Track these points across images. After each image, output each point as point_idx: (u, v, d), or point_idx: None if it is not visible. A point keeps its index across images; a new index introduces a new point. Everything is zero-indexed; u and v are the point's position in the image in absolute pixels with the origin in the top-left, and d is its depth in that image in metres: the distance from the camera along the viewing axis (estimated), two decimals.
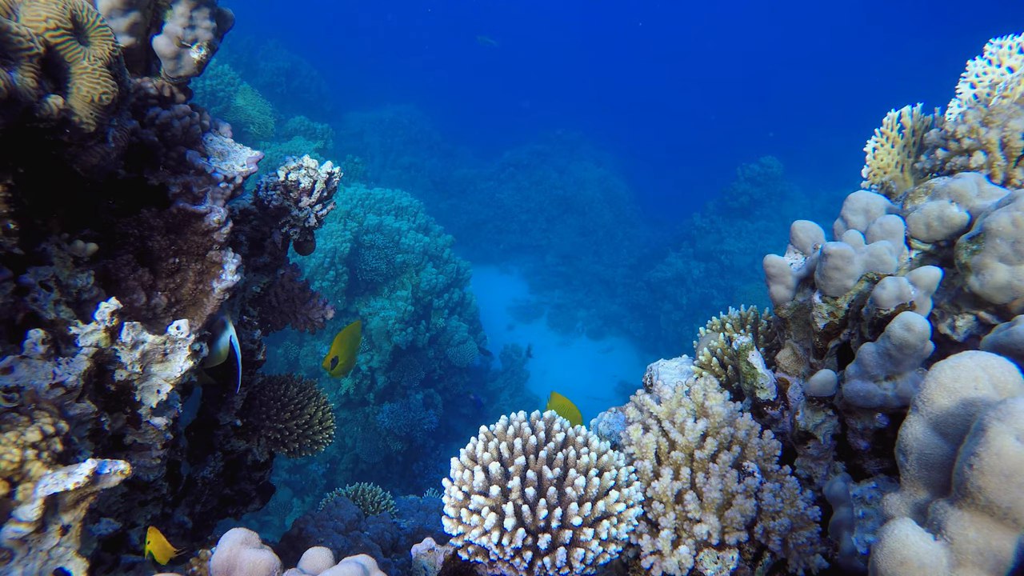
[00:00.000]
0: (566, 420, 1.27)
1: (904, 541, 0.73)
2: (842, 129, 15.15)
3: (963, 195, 1.26)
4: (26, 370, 1.07)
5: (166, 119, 1.44)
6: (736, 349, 1.48)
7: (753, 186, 10.73)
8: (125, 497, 1.42)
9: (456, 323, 6.66)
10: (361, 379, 5.93)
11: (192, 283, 1.48)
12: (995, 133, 1.44)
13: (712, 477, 1.17)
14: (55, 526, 0.96)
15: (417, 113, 13.17)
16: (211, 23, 1.46)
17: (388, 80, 17.38)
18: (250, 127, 7.09)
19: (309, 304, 2.06)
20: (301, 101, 9.90)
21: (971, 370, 0.80)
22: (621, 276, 10.67)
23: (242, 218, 1.80)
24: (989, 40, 1.77)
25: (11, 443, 0.93)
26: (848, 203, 1.34)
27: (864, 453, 1.23)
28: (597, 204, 11.53)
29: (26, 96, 0.97)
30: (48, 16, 1.01)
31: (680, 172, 16.90)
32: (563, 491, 1.12)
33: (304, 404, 2.02)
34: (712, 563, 1.16)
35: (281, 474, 5.65)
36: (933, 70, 10.05)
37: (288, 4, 17.71)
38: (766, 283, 1.42)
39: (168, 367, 1.37)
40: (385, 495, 2.97)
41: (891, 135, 1.83)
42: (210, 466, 1.82)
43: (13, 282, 1.12)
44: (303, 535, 2.01)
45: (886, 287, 1.13)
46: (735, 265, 9.84)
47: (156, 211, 1.44)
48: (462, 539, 1.16)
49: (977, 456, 0.69)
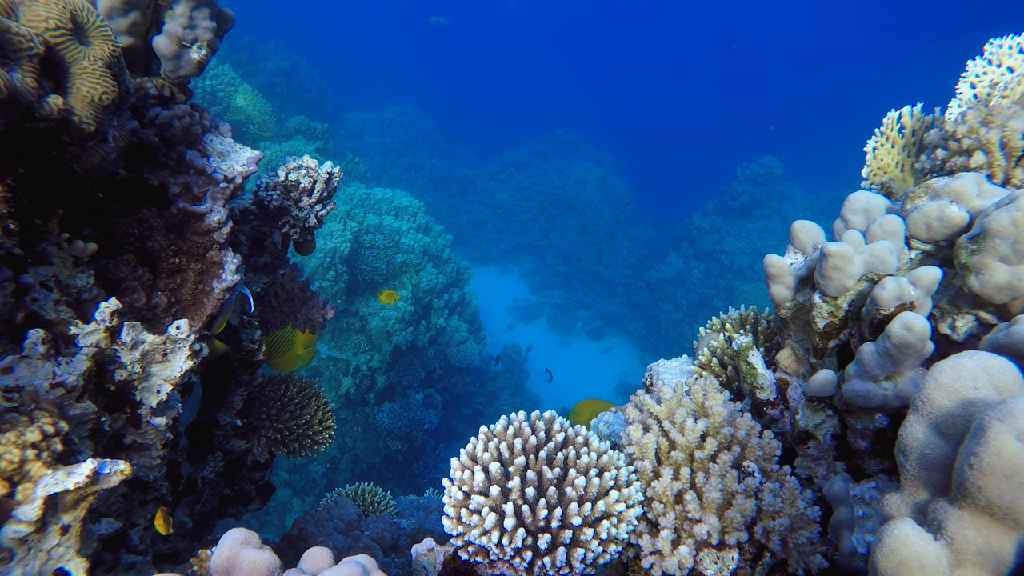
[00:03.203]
0: (566, 420, 1.27)
1: (904, 541, 0.73)
2: (842, 129, 15.15)
3: (963, 195, 1.25)
4: (26, 370, 1.07)
5: (166, 119, 1.44)
6: (736, 349, 1.48)
7: (753, 186, 10.74)
8: (125, 497, 1.42)
9: (456, 323, 6.66)
10: (361, 379, 5.93)
11: (192, 283, 1.48)
12: (995, 133, 1.44)
13: (712, 477, 1.17)
14: (55, 526, 0.96)
15: (417, 113, 13.17)
16: (211, 23, 1.46)
17: (388, 80, 17.40)
18: (250, 127, 7.09)
19: (309, 304, 2.06)
20: (301, 101, 9.90)
21: (971, 370, 0.80)
22: (621, 276, 10.67)
23: (242, 218, 1.80)
24: (989, 40, 1.77)
25: (11, 443, 0.93)
26: (848, 203, 1.34)
27: (864, 453, 1.23)
28: (597, 204, 11.54)
29: (26, 96, 0.97)
30: (48, 16, 1.01)
31: (680, 172, 16.91)
32: (563, 491, 1.12)
33: (304, 404, 2.02)
34: (712, 563, 1.16)
35: (281, 474, 5.65)
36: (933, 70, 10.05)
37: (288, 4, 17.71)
38: (766, 283, 1.42)
39: (168, 367, 1.37)
40: (385, 495, 2.97)
41: (891, 135, 1.83)
42: (210, 466, 1.82)
43: (13, 282, 1.12)
44: (303, 535, 2.01)
45: (886, 287, 1.13)
46: (735, 265, 9.84)
47: (156, 211, 1.44)
48: (462, 539, 1.16)
49: (977, 456, 0.69)
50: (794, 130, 19.21)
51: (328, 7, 21.82)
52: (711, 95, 24.45)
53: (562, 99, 21.61)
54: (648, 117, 21.87)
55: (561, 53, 26.87)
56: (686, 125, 21.60)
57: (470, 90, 21.07)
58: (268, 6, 14.74)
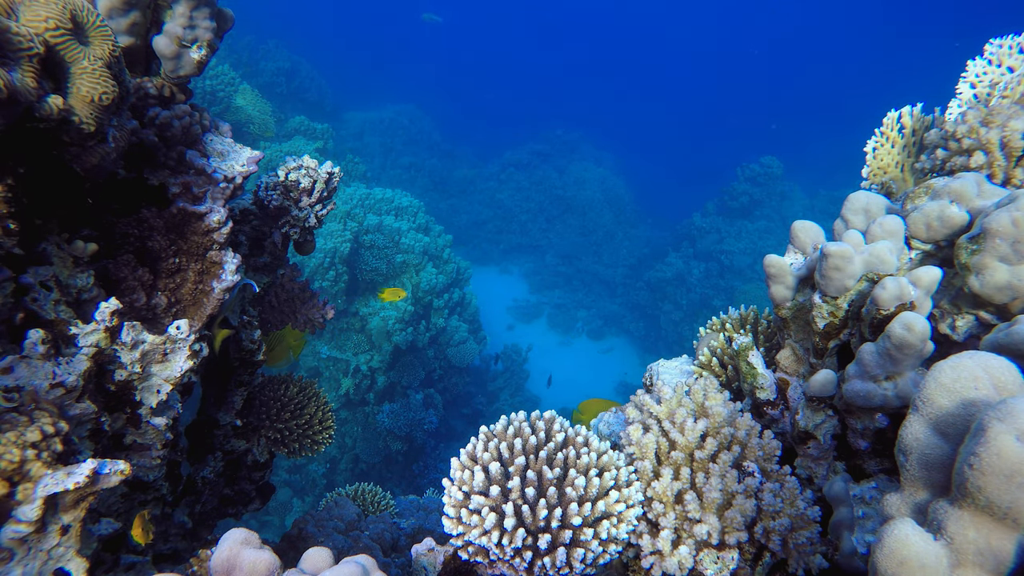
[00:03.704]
0: (566, 420, 1.27)
1: (904, 541, 0.73)
2: (842, 129, 15.15)
3: (963, 195, 1.25)
4: (26, 370, 1.07)
5: (166, 119, 1.44)
6: (736, 349, 1.48)
7: (753, 186, 10.74)
8: (125, 497, 1.42)
9: (456, 323, 6.66)
10: (361, 379, 5.93)
11: (192, 283, 1.48)
12: (995, 133, 1.44)
13: (712, 477, 1.17)
14: (55, 526, 0.96)
15: (417, 113, 13.16)
16: (211, 23, 1.46)
17: (388, 80, 17.40)
18: (250, 127, 7.09)
19: (309, 304, 2.06)
20: (301, 101, 9.90)
21: (971, 370, 0.80)
22: (621, 276, 10.67)
23: (242, 218, 1.80)
24: (989, 40, 1.77)
25: (11, 443, 0.93)
26: (848, 203, 1.34)
27: (864, 453, 1.23)
28: (597, 204, 11.54)
29: (26, 96, 0.97)
30: (48, 16, 1.01)
31: (680, 172, 16.91)
32: (563, 491, 1.12)
33: (304, 404, 2.02)
34: (712, 563, 1.16)
35: (281, 474, 5.65)
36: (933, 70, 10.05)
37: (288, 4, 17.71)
38: (766, 283, 1.42)
39: (168, 367, 1.37)
40: (385, 495, 2.97)
41: (891, 135, 1.83)
42: (210, 466, 1.82)
43: (13, 282, 1.12)
44: (303, 535, 2.01)
45: (886, 287, 1.13)
46: (735, 265, 9.84)
47: (156, 211, 1.44)
48: (462, 539, 1.16)
49: (977, 456, 0.69)
50: (794, 130, 19.21)
51: (328, 7, 21.83)
52: (711, 95, 24.46)
53: (562, 99, 21.63)
54: (648, 117, 21.89)
55: (561, 53, 26.88)
56: (686, 125, 21.61)
57: (470, 90, 21.08)
58: (268, 6, 14.74)
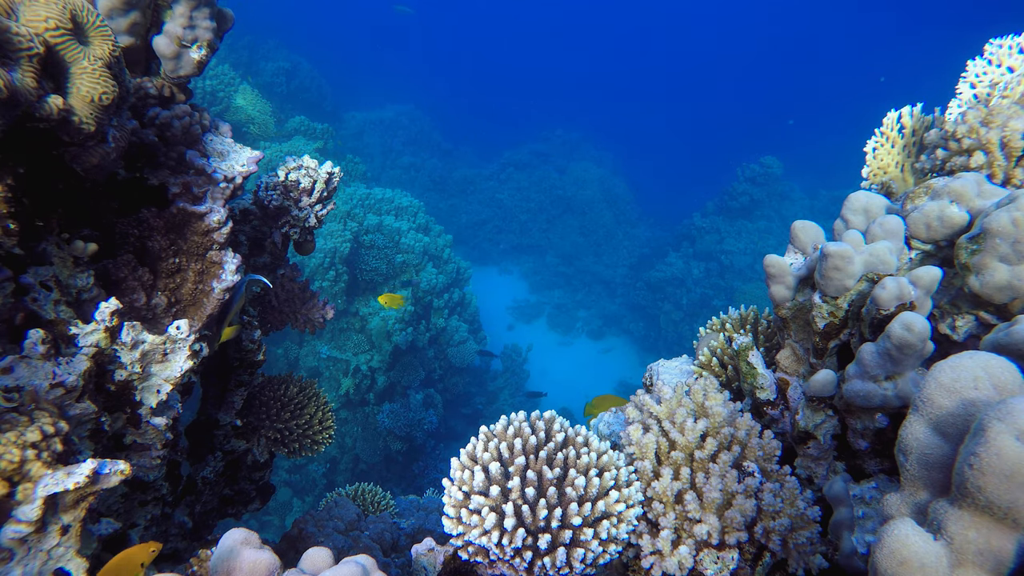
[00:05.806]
0: (566, 420, 1.27)
1: (904, 541, 0.73)
2: (842, 129, 15.15)
3: (963, 195, 1.25)
4: (26, 370, 1.07)
5: (166, 119, 1.44)
6: (736, 349, 1.48)
7: (753, 186, 10.73)
8: (125, 497, 1.42)
9: (456, 323, 6.66)
10: (361, 379, 5.93)
11: (192, 283, 1.48)
12: (995, 133, 1.44)
13: (712, 477, 1.17)
14: (55, 526, 0.96)
15: (417, 113, 13.16)
16: (211, 23, 1.46)
17: (388, 80, 17.38)
18: (250, 127, 7.09)
19: (309, 304, 2.06)
20: (301, 101, 9.90)
21: (971, 370, 0.80)
22: (621, 276, 10.67)
23: (242, 218, 1.80)
24: (989, 40, 1.77)
25: (11, 443, 0.93)
26: (848, 203, 1.34)
27: (864, 453, 1.23)
28: (597, 204, 11.54)
29: (26, 96, 0.97)
30: (48, 16, 1.01)
31: (680, 172, 16.89)
32: (563, 491, 1.12)
33: (304, 404, 2.02)
34: (712, 563, 1.16)
35: (281, 474, 5.65)
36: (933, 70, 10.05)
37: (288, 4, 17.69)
38: (766, 283, 1.42)
39: (168, 367, 1.37)
40: (385, 495, 2.97)
41: (891, 135, 1.83)
42: (210, 466, 1.82)
43: (13, 282, 1.12)
44: (303, 535, 2.01)
45: (886, 287, 1.13)
46: (735, 265, 9.84)
47: (156, 211, 1.44)
48: (462, 539, 1.16)
49: (977, 456, 0.69)
50: (795, 130, 19.21)
51: (329, 6, 21.81)
52: (711, 95, 24.45)
53: (562, 99, 21.62)
54: (648, 117, 21.87)
55: (561, 53, 26.88)
56: (686, 125, 21.59)
57: (470, 90, 21.07)
58: (268, 6, 14.72)
